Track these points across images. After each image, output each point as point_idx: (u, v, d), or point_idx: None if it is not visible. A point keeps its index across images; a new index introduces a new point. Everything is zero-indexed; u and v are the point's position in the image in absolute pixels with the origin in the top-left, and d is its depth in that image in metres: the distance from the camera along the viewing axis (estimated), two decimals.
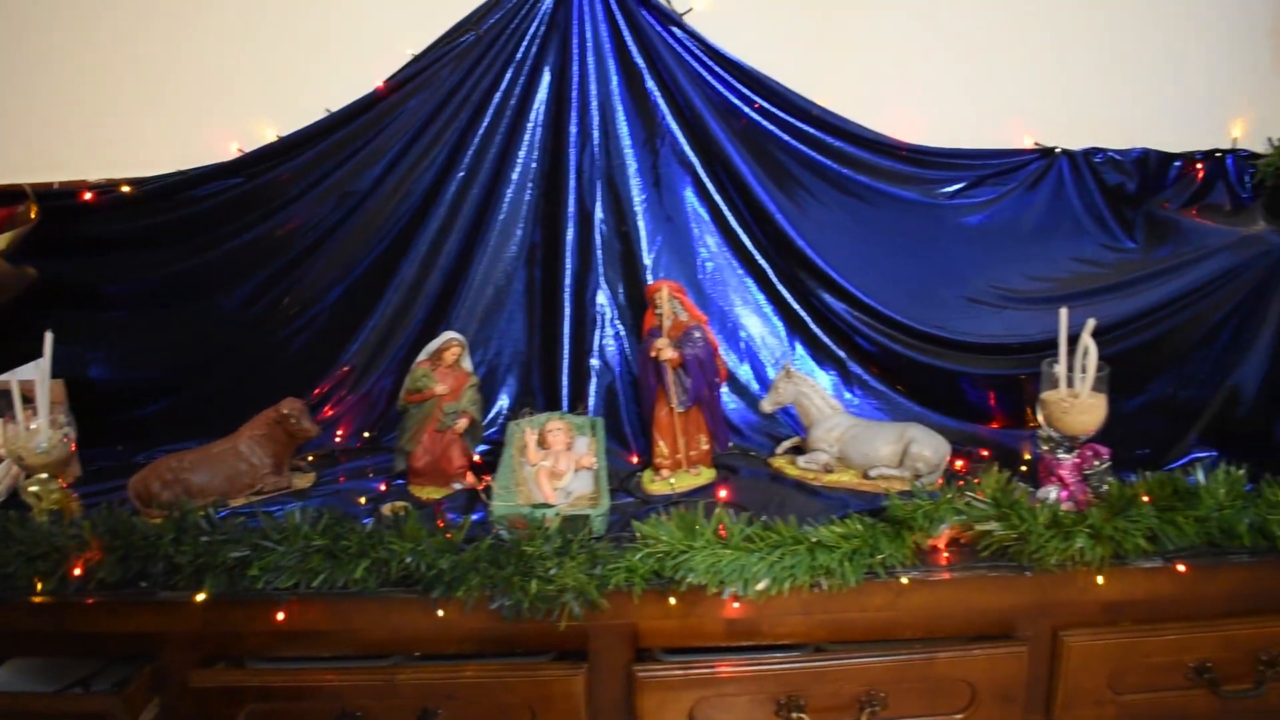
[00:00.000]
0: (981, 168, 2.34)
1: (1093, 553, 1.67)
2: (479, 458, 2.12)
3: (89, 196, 2.19)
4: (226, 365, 2.30)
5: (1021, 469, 1.99)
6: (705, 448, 2.06)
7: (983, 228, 2.33)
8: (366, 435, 2.26)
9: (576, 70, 2.21)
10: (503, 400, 2.29)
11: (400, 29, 2.23)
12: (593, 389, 2.23)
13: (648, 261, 2.25)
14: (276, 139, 2.23)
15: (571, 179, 2.23)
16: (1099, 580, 1.70)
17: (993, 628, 1.76)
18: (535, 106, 2.25)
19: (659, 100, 2.25)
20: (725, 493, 1.95)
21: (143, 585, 1.67)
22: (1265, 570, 1.75)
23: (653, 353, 1.99)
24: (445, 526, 1.73)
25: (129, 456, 2.20)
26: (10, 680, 1.83)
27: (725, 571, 1.62)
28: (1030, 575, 1.69)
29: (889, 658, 1.71)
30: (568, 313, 2.24)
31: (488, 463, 2.11)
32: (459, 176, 2.25)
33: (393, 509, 1.88)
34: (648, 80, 2.24)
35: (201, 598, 1.65)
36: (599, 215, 2.26)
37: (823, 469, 2.04)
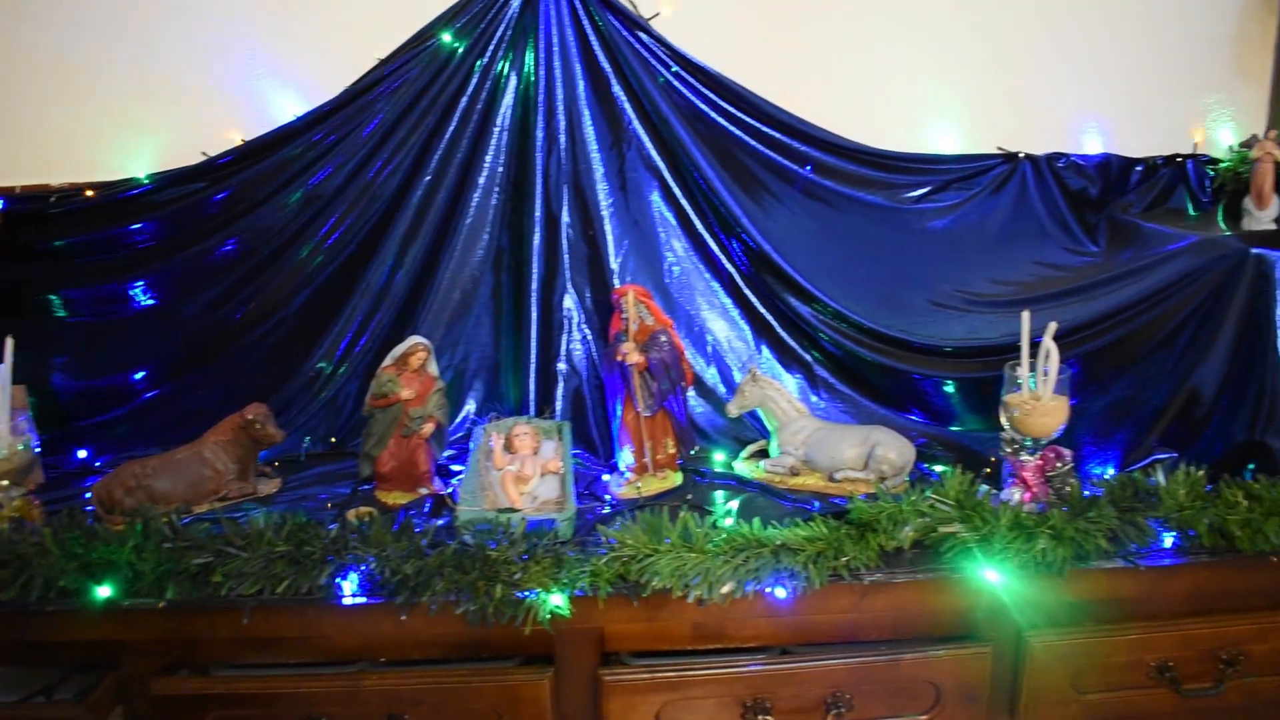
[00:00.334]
0: (946, 172, 2.37)
1: (1054, 554, 1.68)
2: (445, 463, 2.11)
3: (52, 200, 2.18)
4: (191, 370, 2.29)
5: (986, 471, 2.01)
6: (672, 451, 2.06)
7: (947, 232, 2.35)
8: (333, 441, 2.25)
9: (543, 75, 2.21)
10: (470, 405, 2.29)
11: (366, 33, 2.22)
12: (560, 393, 2.23)
13: (615, 266, 2.26)
14: (241, 143, 2.22)
15: (538, 183, 2.23)
16: (1061, 581, 1.72)
17: (957, 629, 1.77)
18: (502, 111, 2.25)
19: (625, 105, 2.25)
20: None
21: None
22: (1224, 570, 1.77)
23: (619, 357, 2.00)
24: (410, 531, 1.72)
25: (92, 463, 2.19)
26: None
27: (690, 575, 1.63)
28: (994, 576, 1.70)
29: (854, 660, 1.71)
30: (535, 317, 2.24)
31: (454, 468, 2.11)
32: (425, 181, 2.25)
33: (358, 514, 1.88)
34: (614, 85, 2.24)
35: (163, 604, 1.64)
36: (566, 219, 2.26)
37: (788, 472, 2.04)
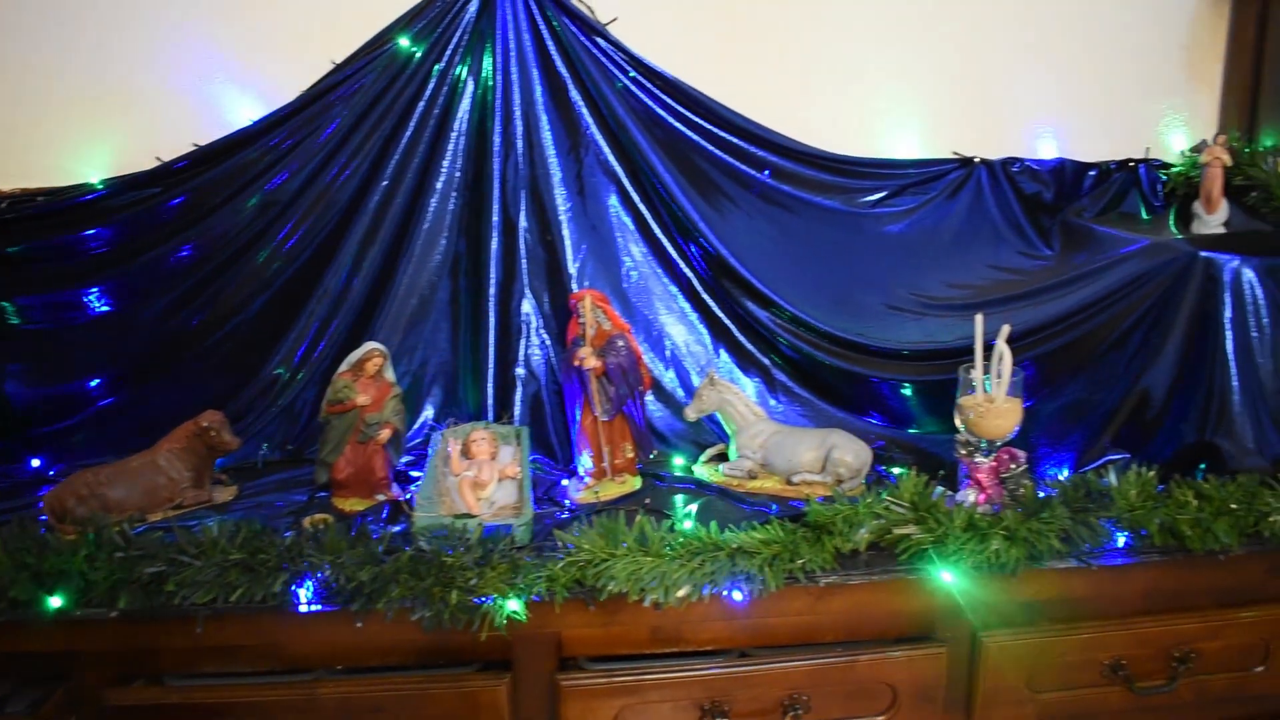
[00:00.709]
0: (902, 177, 2.39)
1: (1008, 554, 1.70)
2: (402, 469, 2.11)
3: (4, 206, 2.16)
4: (147, 378, 2.26)
5: (942, 473, 2.02)
6: (630, 456, 2.07)
7: (904, 236, 2.38)
8: (290, 448, 2.23)
9: (500, 79, 2.21)
10: (428, 410, 2.28)
11: (322, 37, 2.21)
12: (518, 398, 2.22)
13: (573, 270, 2.26)
14: (196, 147, 2.20)
15: (496, 188, 2.22)
16: (1015, 581, 1.73)
17: (912, 629, 1.78)
18: (459, 115, 2.24)
19: (582, 110, 2.26)
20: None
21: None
22: (1175, 569, 1.79)
23: (576, 362, 2.00)
24: (366, 538, 1.71)
25: (46, 471, 2.16)
26: None
27: (646, 579, 1.63)
28: (949, 577, 1.72)
29: (811, 661, 1.73)
30: (493, 322, 2.23)
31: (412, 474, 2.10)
32: (383, 185, 2.24)
33: (313, 522, 1.86)
34: (571, 90, 2.25)
35: (116, 614, 1.62)
36: (524, 224, 2.25)
37: (746, 475, 2.05)
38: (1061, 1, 2.40)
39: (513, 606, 1.61)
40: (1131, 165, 2.43)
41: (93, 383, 2.26)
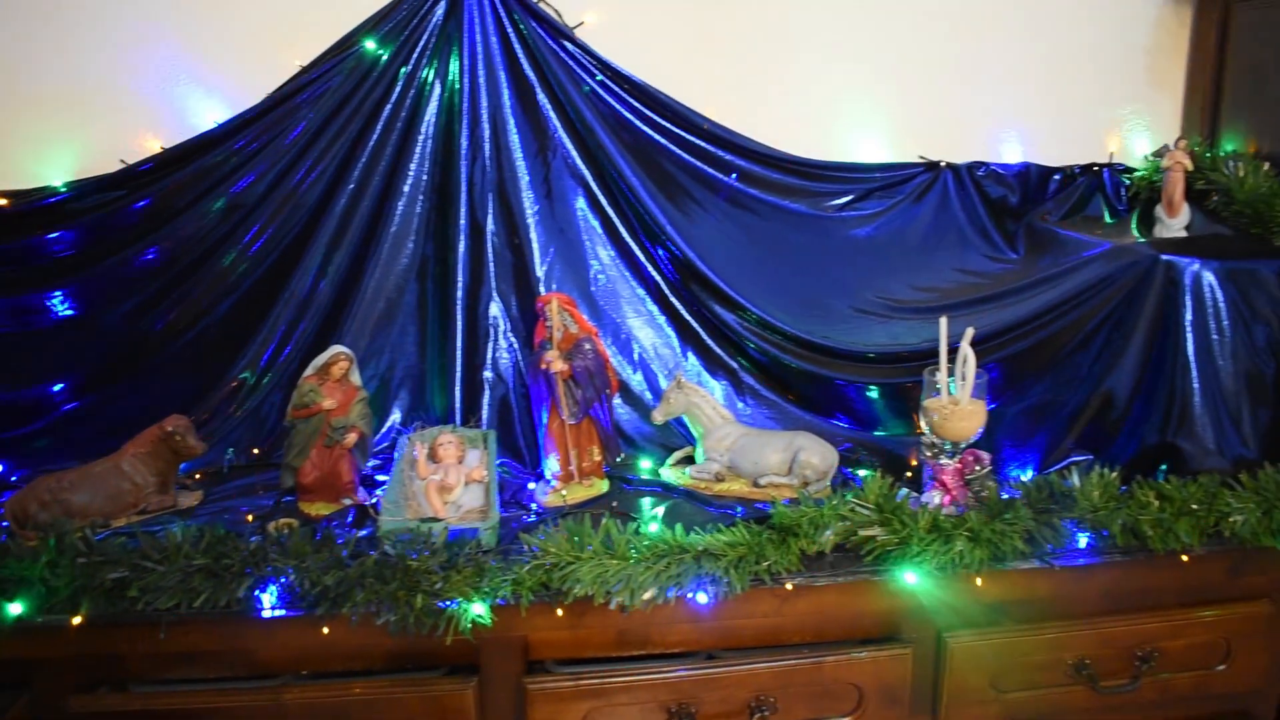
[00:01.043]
0: (869, 181, 2.40)
1: (971, 555, 1.71)
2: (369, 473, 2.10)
3: None
4: (111, 382, 2.24)
5: (908, 475, 2.04)
6: (597, 459, 2.07)
7: (870, 240, 2.39)
8: (256, 452, 2.22)
9: (467, 82, 2.20)
10: (395, 414, 2.27)
11: (288, 39, 2.20)
12: (486, 401, 2.22)
13: (540, 274, 2.25)
14: (161, 150, 2.18)
15: (463, 191, 2.22)
16: (979, 582, 1.75)
17: (878, 630, 1.79)
18: (426, 118, 2.23)
19: (550, 113, 2.26)
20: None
21: None
22: (1138, 569, 1.82)
23: (543, 365, 2.00)
24: (331, 542, 1.71)
25: (9, 477, 2.14)
26: None
27: (612, 581, 1.63)
28: (913, 578, 1.73)
29: (777, 663, 1.73)
30: (460, 325, 2.22)
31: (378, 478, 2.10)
32: (349, 189, 2.23)
33: (278, 526, 1.86)
34: (539, 93, 2.25)
35: (78, 621, 1.61)
36: (491, 227, 2.25)
37: (713, 478, 2.06)
38: (1025, 6, 2.42)
39: (478, 610, 1.61)
40: (1095, 169, 2.46)
41: (56, 387, 2.24)
